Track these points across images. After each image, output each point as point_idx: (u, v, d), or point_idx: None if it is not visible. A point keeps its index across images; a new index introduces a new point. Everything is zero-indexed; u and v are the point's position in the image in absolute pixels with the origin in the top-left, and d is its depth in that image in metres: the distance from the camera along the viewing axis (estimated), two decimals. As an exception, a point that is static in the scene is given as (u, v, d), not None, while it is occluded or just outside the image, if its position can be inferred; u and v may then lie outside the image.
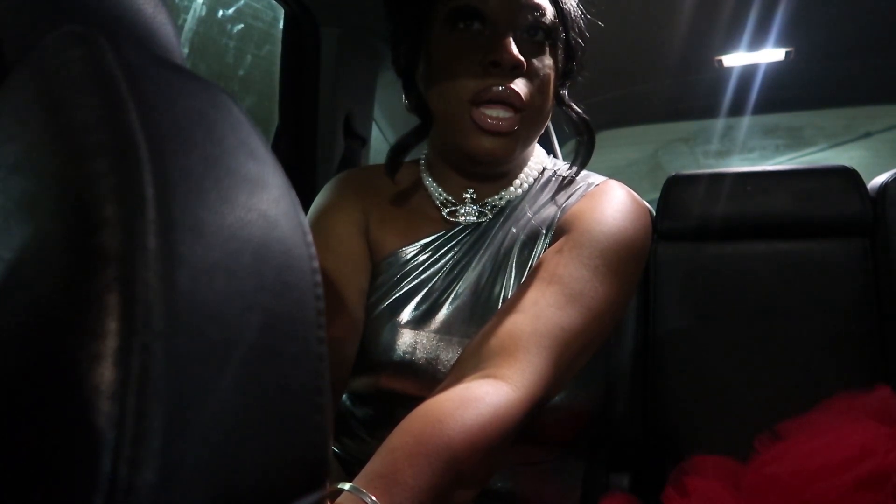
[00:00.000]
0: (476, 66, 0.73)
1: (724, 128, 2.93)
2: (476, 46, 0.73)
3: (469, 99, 0.73)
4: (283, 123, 1.24)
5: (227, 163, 0.28)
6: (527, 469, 0.78)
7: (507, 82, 0.72)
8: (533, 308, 0.68)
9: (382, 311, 0.79)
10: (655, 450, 1.12)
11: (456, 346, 0.75)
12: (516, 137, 0.75)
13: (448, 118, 0.76)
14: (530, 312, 0.67)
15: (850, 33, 1.68)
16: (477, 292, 0.77)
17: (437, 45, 0.76)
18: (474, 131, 0.73)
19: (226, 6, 1.94)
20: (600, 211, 0.76)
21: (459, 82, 0.73)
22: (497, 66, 0.72)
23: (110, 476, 0.21)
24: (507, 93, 0.72)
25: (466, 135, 0.74)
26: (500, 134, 0.73)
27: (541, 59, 0.76)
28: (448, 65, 0.74)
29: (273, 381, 0.27)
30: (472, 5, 0.74)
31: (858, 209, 1.12)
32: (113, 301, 0.22)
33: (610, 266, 0.72)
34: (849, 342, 1.09)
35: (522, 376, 0.63)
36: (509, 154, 0.76)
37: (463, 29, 0.75)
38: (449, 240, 0.81)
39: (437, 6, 0.76)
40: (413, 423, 0.57)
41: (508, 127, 0.73)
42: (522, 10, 0.74)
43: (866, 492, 0.68)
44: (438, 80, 0.75)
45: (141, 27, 0.34)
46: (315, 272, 0.31)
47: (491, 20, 0.74)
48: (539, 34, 0.76)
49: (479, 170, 0.81)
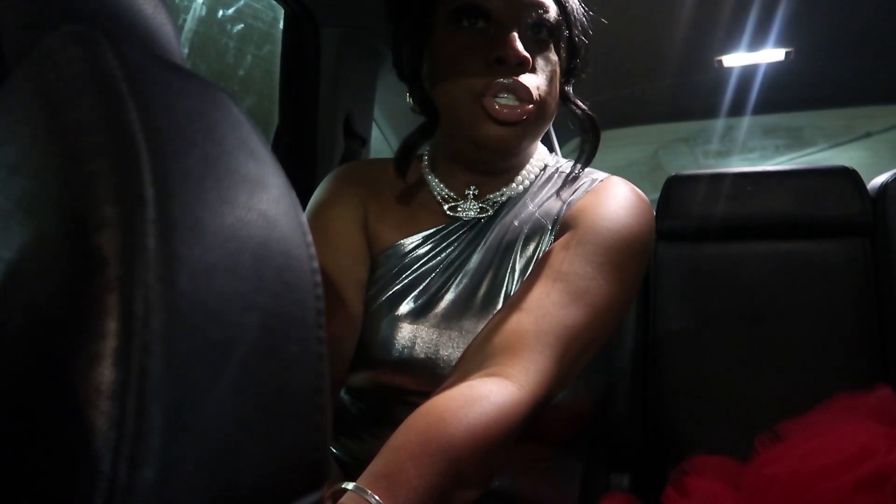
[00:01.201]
0: (482, 63, 0.73)
1: (724, 128, 2.93)
2: (481, 44, 0.74)
3: (476, 94, 0.73)
4: (283, 123, 1.24)
5: (227, 163, 0.28)
6: (526, 468, 0.78)
7: (514, 78, 0.72)
8: (538, 306, 0.67)
9: (381, 304, 0.79)
10: (655, 450, 1.12)
11: (455, 340, 0.75)
12: (525, 127, 0.75)
13: (456, 112, 0.76)
14: (535, 310, 0.67)
15: (850, 33, 1.68)
16: (477, 285, 0.77)
17: (442, 44, 0.76)
18: (484, 119, 0.73)
19: (226, 6, 1.94)
20: (605, 207, 0.76)
21: (466, 79, 0.73)
22: (503, 62, 0.72)
23: (110, 475, 0.21)
24: (514, 85, 0.72)
25: (476, 124, 0.74)
26: (509, 123, 0.73)
27: (545, 56, 0.76)
28: (454, 63, 0.74)
29: (273, 381, 0.27)
30: (476, 3, 0.74)
31: (858, 209, 1.12)
32: (113, 301, 0.22)
33: (614, 263, 0.72)
34: (849, 342, 1.09)
35: (527, 375, 0.63)
36: (517, 145, 0.76)
37: (467, 27, 0.75)
38: (449, 234, 0.81)
39: (441, 5, 0.76)
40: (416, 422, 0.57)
41: (518, 116, 0.73)
42: (526, 7, 0.75)
43: (866, 492, 0.68)
44: (444, 79, 0.76)
45: (141, 27, 0.34)
46: (315, 272, 0.31)
47: (495, 18, 0.74)
48: (543, 32, 0.76)
49: (485, 161, 0.80)
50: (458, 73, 0.74)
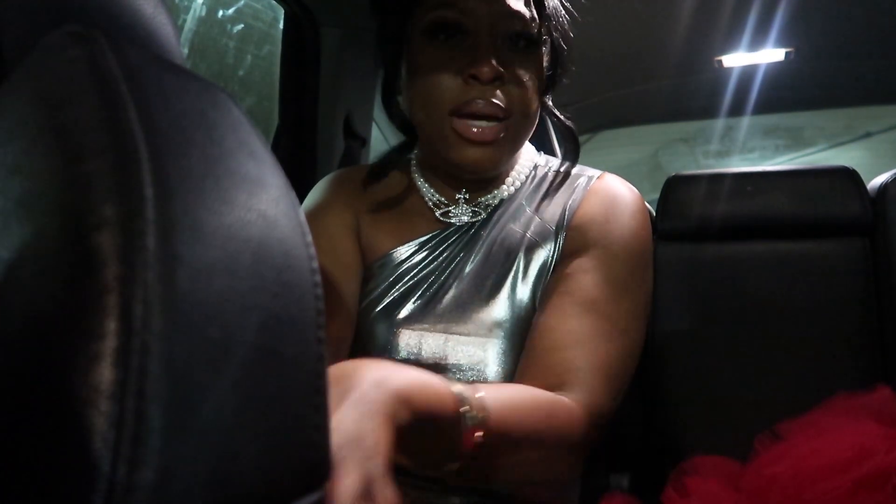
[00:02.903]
0: (457, 77, 0.72)
1: (724, 128, 2.94)
2: (456, 58, 0.73)
3: (449, 111, 0.73)
4: (283, 123, 1.24)
5: (226, 163, 0.28)
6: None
7: (488, 93, 0.72)
8: (584, 342, 0.71)
9: (380, 312, 0.79)
10: (655, 450, 1.12)
11: (464, 343, 0.75)
12: (501, 146, 0.75)
13: (430, 130, 0.76)
14: (583, 347, 0.70)
15: (850, 33, 1.68)
16: (478, 289, 0.77)
17: (418, 56, 0.75)
18: (458, 142, 0.73)
19: (226, 6, 1.94)
20: (617, 221, 0.77)
21: (440, 94, 0.73)
22: (476, 79, 0.72)
23: (109, 476, 0.21)
24: (488, 108, 0.72)
25: (450, 146, 0.74)
26: (484, 143, 0.73)
27: (524, 66, 0.75)
28: (428, 76, 0.74)
29: (273, 382, 0.27)
30: (450, 17, 0.73)
31: (858, 209, 1.12)
32: (112, 301, 0.22)
33: (635, 278, 0.76)
34: (849, 342, 1.09)
35: (587, 414, 0.68)
36: (495, 164, 0.76)
37: (443, 40, 0.74)
38: (444, 239, 0.81)
39: (417, 16, 0.75)
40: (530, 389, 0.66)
41: (493, 135, 0.73)
42: (503, 19, 0.74)
43: (866, 492, 0.68)
44: (419, 92, 0.75)
45: (141, 27, 0.34)
46: (315, 272, 0.31)
47: (471, 31, 0.73)
48: (521, 42, 0.75)
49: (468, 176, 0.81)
50: (433, 88, 0.73)
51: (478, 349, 0.75)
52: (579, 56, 0.84)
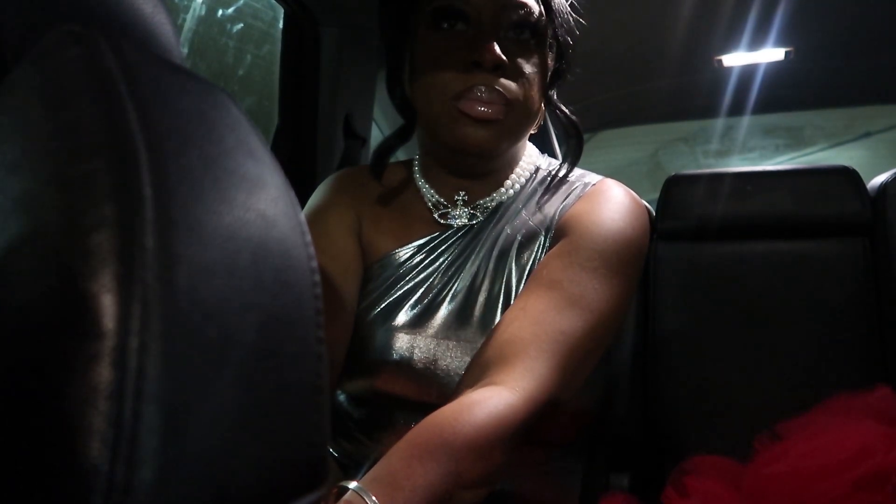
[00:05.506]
0: (459, 65, 0.72)
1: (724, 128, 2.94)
2: (459, 46, 0.73)
3: (452, 97, 0.73)
4: (283, 123, 1.24)
5: (225, 162, 0.28)
6: (526, 469, 0.78)
7: (491, 81, 0.72)
8: (532, 314, 0.68)
9: (377, 314, 0.79)
10: (655, 450, 1.12)
11: (454, 350, 0.75)
12: (503, 127, 0.74)
13: (433, 114, 0.75)
14: (530, 318, 0.68)
15: (850, 33, 1.68)
16: (473, 293, 0.77)
17: (422, 45, 0.76)
18: (461, 120, 0.73)
19: (226, 6, 1.94)
20: (598, 212, 0.76)
21: (443, 81, 0.73)
22: (479, 66, 0.72)
23: (108, 475, 0.21)
24: (489, 96, 0.72)
25: (453, 126, 0.74)
26: (487, 122, 0.73)
27: (527, 57, 0.75)
28: (432, 64, 0.74)
29: (272, 381, 0.27)
30: (455, 5, 0.74)
31: (858, 209, 1.12)
32: (111, 301, 0.22)
33: (610, 267, 0.72)
34: (848, 342, 1.09)
35: (523, 381, 0.63)
36: (496, 145, 0.76)
37: (447, 29, 0.74)
38: (443, 242, 0.80)
39: (422, 5, 0.76)
40: (417, 431, 0.59)
41: (496, 114, 0.73)
42: (507, 8, 0.74)
43: (866, 492, 0.68)
44: (423, 80, 0.75)
45: (140, 27, 0.34)
46: (314, 272, 0.31)
47: (474, 20, 0.74)
48: (525, 33, 0.75)
49: (469, 164, 0.80)
50: (436, 75, 0.74)
51: (468, 355, 0.74)
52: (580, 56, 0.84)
